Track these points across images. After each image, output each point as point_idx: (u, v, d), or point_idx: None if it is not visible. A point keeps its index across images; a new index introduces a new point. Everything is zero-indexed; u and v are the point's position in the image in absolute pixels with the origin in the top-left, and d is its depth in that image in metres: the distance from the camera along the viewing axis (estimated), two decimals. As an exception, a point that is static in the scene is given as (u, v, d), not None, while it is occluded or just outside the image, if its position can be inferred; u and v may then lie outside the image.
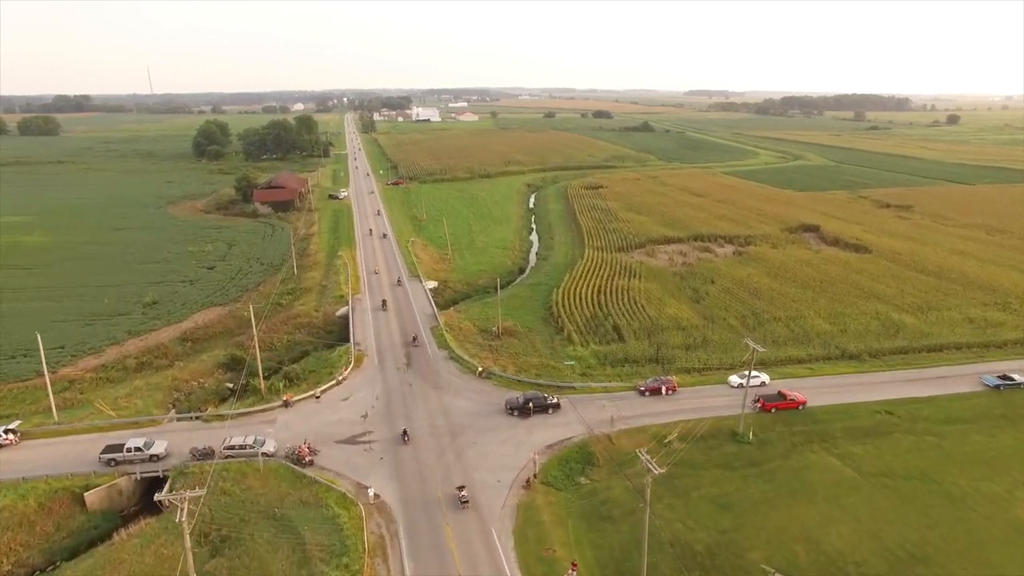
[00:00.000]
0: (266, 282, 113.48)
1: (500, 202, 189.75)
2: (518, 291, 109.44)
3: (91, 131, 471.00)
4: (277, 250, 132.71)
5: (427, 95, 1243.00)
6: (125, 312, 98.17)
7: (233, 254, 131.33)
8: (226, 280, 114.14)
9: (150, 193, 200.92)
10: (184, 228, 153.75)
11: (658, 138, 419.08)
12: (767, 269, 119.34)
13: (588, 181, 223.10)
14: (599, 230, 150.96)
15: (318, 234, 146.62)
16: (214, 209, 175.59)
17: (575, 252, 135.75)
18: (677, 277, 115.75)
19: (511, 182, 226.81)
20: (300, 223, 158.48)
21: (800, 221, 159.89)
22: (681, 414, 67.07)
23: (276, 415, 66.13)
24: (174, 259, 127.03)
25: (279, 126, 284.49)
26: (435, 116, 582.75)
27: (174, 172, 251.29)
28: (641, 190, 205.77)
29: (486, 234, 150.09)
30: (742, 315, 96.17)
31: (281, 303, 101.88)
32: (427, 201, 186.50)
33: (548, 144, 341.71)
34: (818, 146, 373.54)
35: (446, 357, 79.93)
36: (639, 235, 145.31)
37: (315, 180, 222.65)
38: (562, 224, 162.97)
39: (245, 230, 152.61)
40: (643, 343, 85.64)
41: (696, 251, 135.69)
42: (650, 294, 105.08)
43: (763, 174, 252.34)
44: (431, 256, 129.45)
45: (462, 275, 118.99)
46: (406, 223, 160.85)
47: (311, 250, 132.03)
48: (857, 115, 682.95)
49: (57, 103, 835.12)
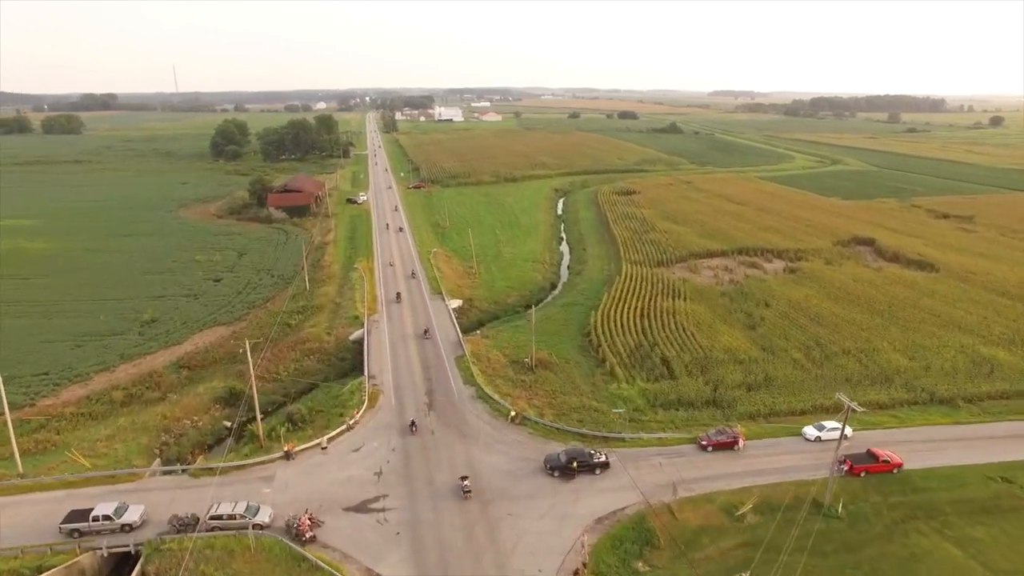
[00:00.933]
0: (276, 298, 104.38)
1: (527, 209, 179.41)
2: (551, 312, 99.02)
3: (113, 130, 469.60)
4: (289, 261, 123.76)
5: (449, 95, 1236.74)
6: (120, 332, 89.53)
7: (243, 264, 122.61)
8: (232, 295, 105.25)
9: (163, 195, 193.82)
10: (194, 234, 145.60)
11: (687, 140, 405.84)
12: (825, 290, 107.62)
13: (619, 186, 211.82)
14: (635, 241, 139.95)
15: (334, 243, 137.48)
16: (227, 213, 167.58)
17: (610, 266, 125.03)
18: (726, 298, 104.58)
19: (538, 186, 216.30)
20: (316, 230, 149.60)
21: (852, 233, 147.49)
22: (752, 476, 56.30)
23: (275, 469, 56.49)
24: (179, 269, 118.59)
25: (298, 126, 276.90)
26: (458, 116, 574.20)
27: (190, 173, 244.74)
28: (676, 197, 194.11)
29: (513, 245, 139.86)
30: (805, 346, 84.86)
31: (290, 323, 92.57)
32: (450, 207, 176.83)
33: (574, 146, 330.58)
34: (855, 149, 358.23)
35: (473, 396, 69.81)
36: (679, 248, 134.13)
37: (333, 182, 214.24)
38: (594, 234, 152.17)
39: (257, 237, 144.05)
40: (697, 381, 74.85)
41: (743, 267, 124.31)
42: (698, 319, 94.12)
43: (803, 180, 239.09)
44: (455, 270, 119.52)
45: (488, 292, 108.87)
46: (428, 231, 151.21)
47: (325, 261, 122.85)
48: (892, 117, 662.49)
49: (84, 101, 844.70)
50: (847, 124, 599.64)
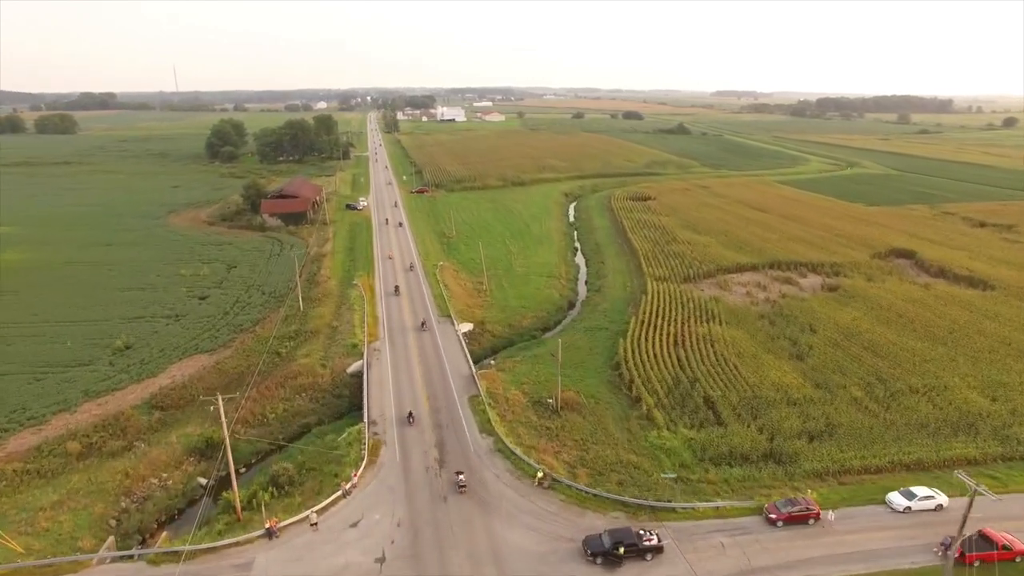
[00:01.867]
0: (266, 319, 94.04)
1: (538, 216, 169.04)
2: (573, 338, 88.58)
3: (109, 129, 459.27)
4: (283, 275, 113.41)
5: (451, 94, 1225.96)
6: (88, 361, 79.24)
7: (232, 279, 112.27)
8: (218, 316, 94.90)
9: (153, 200, 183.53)
10: (181, 244, 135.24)
11: (696, 141, 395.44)
12: (873, 311, 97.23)
13: (632, 191, 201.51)
14: (657, 254, 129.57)
15: (331, 254, 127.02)
16: (218, 220, 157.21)
17: (633, 282, 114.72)
18: (765, 321, 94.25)
19: (547, 191, 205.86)
20: (312, 239, 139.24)
21: (889, 244, 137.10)
22: (838, 564, 46.01)
23: (254, 553, 46.21)
24: (162, 285, 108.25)
25: (296, 126, 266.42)
26: (460, 116, 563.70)
27: (183, 175, 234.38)
28: (695, 203, 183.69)
29: (526, 257, 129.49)
30: (865, 382, 74.53)
31: (280, 352, 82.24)
32: (456, 213, 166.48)
33: (582, 148, 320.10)
34: (869, 151, 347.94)
35: (492, 449, 59.47)
36: (705, 261, 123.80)
37: (332, 186, 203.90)
38: (612, 244, 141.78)
39: (250, 247, 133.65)
40: (749, 428, 64.53)
41: (776, 283, 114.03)
42: (739, 347, 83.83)
43: (822, 184, 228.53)
44: (464, 287, 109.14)
45: (502, 313, 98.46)
46: (433, 241, 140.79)
47: (322, 276, 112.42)
48: (901, 117, 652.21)
49: (82, 100, 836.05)
50: (856, 125, 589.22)
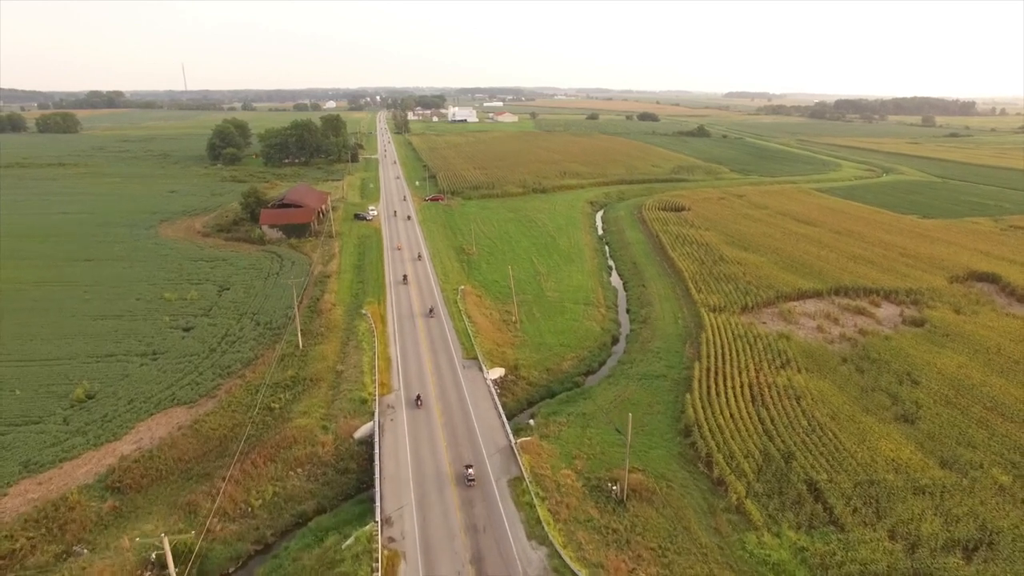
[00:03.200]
0: (259, 360, 79.50)
1: (564, 227, 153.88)
2: (627, 389, 73.46)
3: (112, 129, 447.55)
4: (281, 300, 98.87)
5: (460, 94, 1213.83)
6: (37, 417, 64.89)
7: (223, 305, 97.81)
8: (203, 354, 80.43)
9: (145, 207, 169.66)
10: (170, 260, 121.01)
11: (718, 145, 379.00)
12: (981, 356, 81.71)
13: (664, 200, 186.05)
14: (705, 276, 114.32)
15: (337, 274, 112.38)
16: (214, 231, 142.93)
17: (683, 311, 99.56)
18: (850, 366, 79.01)
19: (571, 199, 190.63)
20: (316, 255, 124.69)
21: (965, 266, 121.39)
22: None
23: None
24: (142, 312, 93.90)
25: (302, 127, 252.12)
26: (472, 116, 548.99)
27: (182, 178, 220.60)
28: (733, 215, 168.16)
29: (557, 278, 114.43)
30: (1007, 461, 59.24)
31: (273, 406, 67.59)
32: (475, 225, 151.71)
33: (602, 151, 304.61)
34: (901, 156, 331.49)
35: (546, 567, 44.55)
36: (762, 285, 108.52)
37: (340, 192, 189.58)
38: (651, 263, 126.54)
39: (246, 264, 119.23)
40: (875, 532, 49.39)
41: (847, 313, 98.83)
42: (830, 404, 68.72)
43: (863, 193, 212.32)
44: (489, 317, 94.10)
45: (537, 353, 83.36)
46: (451, 257, 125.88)
47: (326, 302, 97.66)
48: (926, 120, 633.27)
49: (90, 99, 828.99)
50: (879, 128, 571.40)
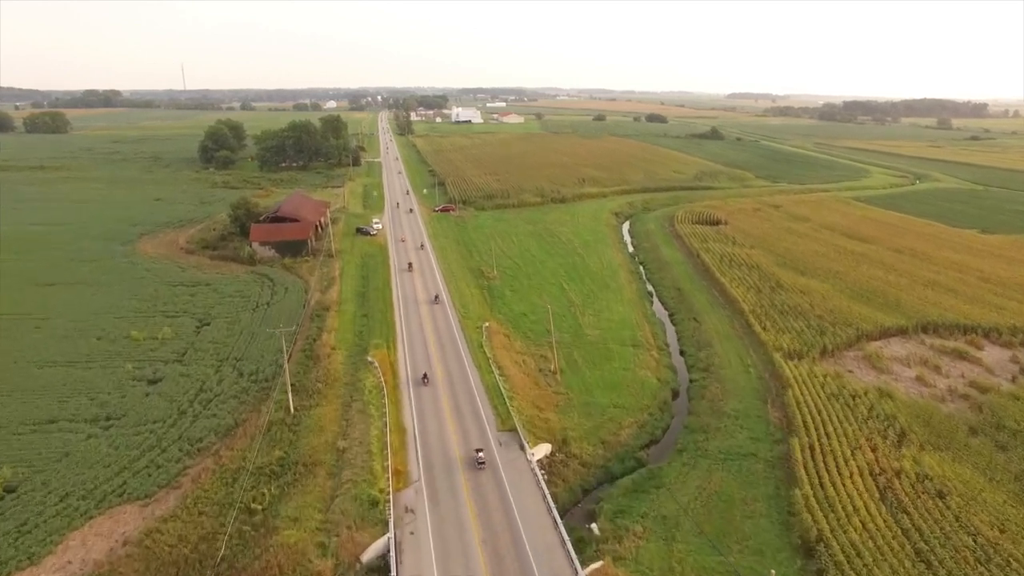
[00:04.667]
0: (240, 427, 63.12)
1: (591, 244, 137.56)
2: (709, 476, 56.95)
3: (104, 129, 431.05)
4: (270, 341, 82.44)
5: (462, 94, 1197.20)
6: (-64, 526, 48.66)
7: (201, 346, 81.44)
8: (170, 419, 64.05)
9: (126, 216, 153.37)
10: (145, 284, 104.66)
11: (734, 148, 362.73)
12: None
13: (695, 211, 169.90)
14: (766, 308, 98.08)
15: (338, 305, 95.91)
16: (199, 247, 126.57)
17: (751, 356, 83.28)
18: (984, 439, 62.99)
19: (593, 209, 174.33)
20: (314, 278, 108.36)
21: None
22: None
23: None
24: (101, 358, 77.56)
25: (300, 129, 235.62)
26: (476, 117, 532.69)
27: (170, 184, 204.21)
28: (775, 229, 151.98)
29: (594, 310, 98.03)
30: None
31: (254, 507, 51.22)
32: (492, 241, 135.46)
33: (618, 155, 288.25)
34: (926, 160, 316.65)
35: None
36: (837, 321, 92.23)
37: (340, 201, 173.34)
38: (698, 289, 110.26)
39: (232, 290, 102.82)
40: None
41: (946, 358, 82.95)
42: (988, 506, 52.54)
43: (904, 202, 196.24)
44: (523, 365, 77.64)
45: (588, 418, 66.88)
46: (469, 282, 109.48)
47: (324, 344, 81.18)
48: (941, 122, 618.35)
49: (85, 98, 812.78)
50: (894, 130, 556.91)
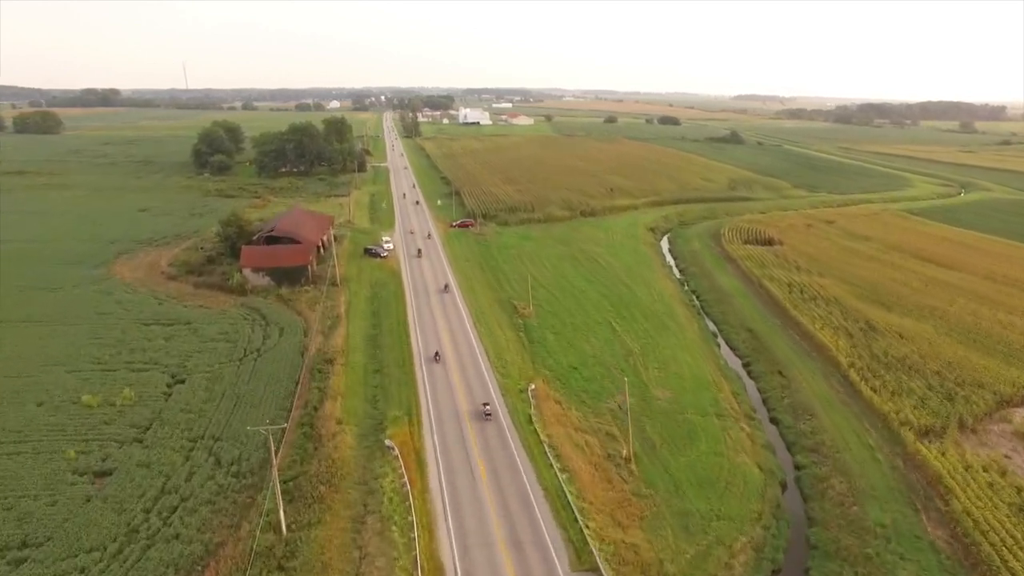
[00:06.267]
0: (213, 557, 45.43)
1: (634, 268, 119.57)
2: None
3: (99, 129, 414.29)
4: (263, 408, 64.63)
5: (466, 95, 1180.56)
6: None
7: (170, 417, 63.63)
8: (113, 546, 46.26)
9: (104, 232, 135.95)
10: (112, 323, 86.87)
11: (758, 153, 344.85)
12: None
13: (742, 227, 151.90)
14: (867, 359, 79.94)
15: (344, 356, 77.84)
16: (182, 272, 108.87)
17: (867, 429, 65.27)
18: None
19: (627, 225, 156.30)
20: (316, 316, 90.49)
21: None
22: None
23: None
24: (36, 434, 59.75)
25: (301, 132, 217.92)
26: (484, 119, 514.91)
27: (159, 192, 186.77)
28: (839, 251, 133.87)
29: (658, 360, 79.84)
30: None
31: None
32: (521, 264, 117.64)
33: (642, 161, 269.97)
34: (963, 167, 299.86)
35: None
36: (959, 378, 74.25)
37: (345, 213, 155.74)
38: (771, 330, 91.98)
39: (216, 332, 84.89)
40: None
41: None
42: None
43: (967, 216, 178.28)
44: (586, 450, 59.44)
45: (687, 542, 48.76)
46: (501, 321, 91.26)
47: (327, 418, 63.24)
48: (964, 126, 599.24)
49: (83, 97, 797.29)
50: (917, 134, 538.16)
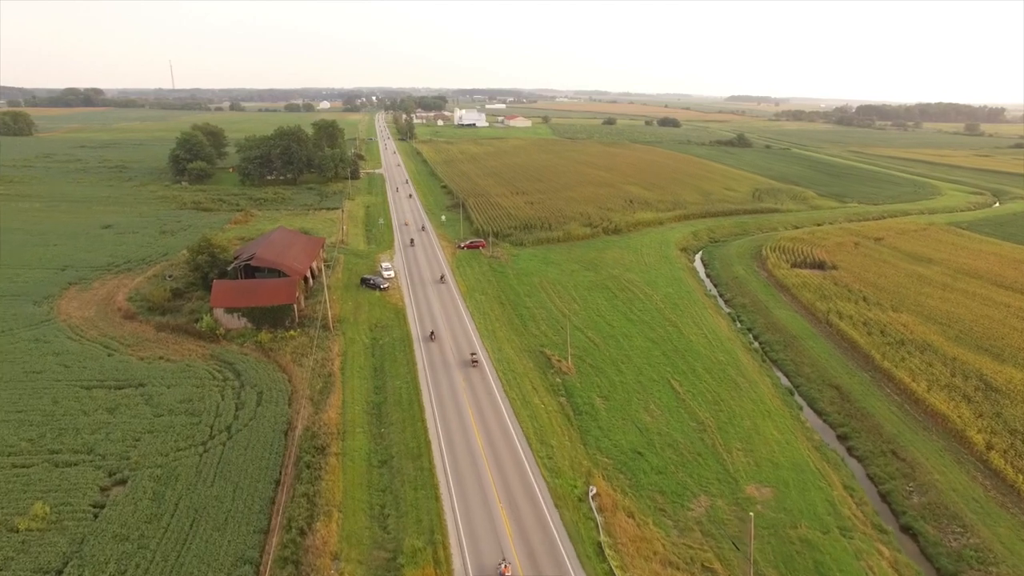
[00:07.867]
0: None
1: (676, 301, 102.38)
2: None
3: (76, 130, 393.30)
4: (230, 532, 46.95)
5: (459, 95, 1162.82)
6: None
7: (94, 554, 45.52)
8: None
9: (57, 255, 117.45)
10: (40, 388, 68.62)
11: (767, 157, 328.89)
12: None
13: (784, 246, 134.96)
14: (1006, 434, 63.32)
15: (340, 442, 59.81)
16: (144, 310, 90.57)
17: None
18: None
19: (656, 243, 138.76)
20: (303, 373, 72.68)
21: None
22: None
23: None
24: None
25: (289, 136, 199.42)
26: (481, 120, 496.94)
27: (129, 204, 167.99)
28: (903, 276, 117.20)
29: (740, 438, 62.58)
30: None
31: None
32: (545, 294, 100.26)
33: (658, 168, 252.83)
34: (986, 172, 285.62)
35: None
36: None
37: (337, 231, 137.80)
38: (861, 386, 74.97)
39: (176, 399, 66.92)
40: None
41: None
42: None
43: (1016, 230, 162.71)
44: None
45: None
46: (534, 379, 73.75)
47: (319, 551, 45.60)
48: (969, 128, 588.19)
49: (65, 96, 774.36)
50: (923, 137, 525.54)
